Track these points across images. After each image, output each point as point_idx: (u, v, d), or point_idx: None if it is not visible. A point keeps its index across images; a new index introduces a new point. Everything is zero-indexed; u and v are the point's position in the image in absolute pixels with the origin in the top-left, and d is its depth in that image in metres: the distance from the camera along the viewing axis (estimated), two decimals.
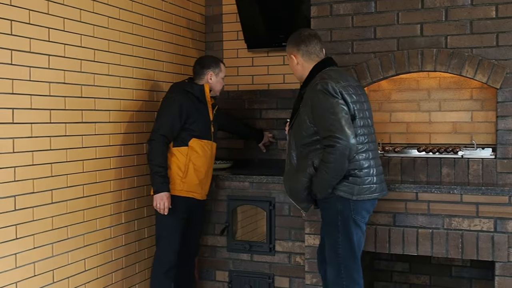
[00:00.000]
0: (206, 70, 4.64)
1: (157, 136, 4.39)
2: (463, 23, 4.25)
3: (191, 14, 5.64)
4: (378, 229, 4.32)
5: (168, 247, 4.48)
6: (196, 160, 4.51)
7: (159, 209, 4.37)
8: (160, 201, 4.36)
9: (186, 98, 4.49)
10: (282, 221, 4.83)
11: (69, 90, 4.02)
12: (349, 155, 3.56)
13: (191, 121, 4.48)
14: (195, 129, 4.51)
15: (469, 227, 4.09)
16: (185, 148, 4.48)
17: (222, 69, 4.74)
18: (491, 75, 4.17)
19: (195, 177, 4.52)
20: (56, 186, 3.91)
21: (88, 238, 4.24)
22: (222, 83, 4.77)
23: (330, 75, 3.74)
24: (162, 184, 4.37)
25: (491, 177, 4.23)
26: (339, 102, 3.61)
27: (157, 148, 4.38)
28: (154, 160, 4.38)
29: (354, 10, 4.53)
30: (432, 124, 4.85)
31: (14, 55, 3.56)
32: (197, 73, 4.68)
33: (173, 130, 4.43)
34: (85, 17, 4.16)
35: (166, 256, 4.48)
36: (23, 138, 3.64)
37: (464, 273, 4.93)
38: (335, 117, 3.57)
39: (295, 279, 4.82)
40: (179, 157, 4.47)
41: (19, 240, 3.64)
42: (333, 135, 3.55)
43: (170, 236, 4.49)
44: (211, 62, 4.70)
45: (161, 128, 4.41)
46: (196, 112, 4.52)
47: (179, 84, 4.65)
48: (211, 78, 4.65)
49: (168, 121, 4.42)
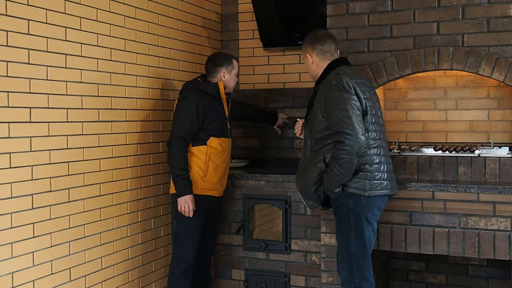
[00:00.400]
0: (219, 67, 4.60)
1: (176, 139, 4.37)
2: (479, 21, 4.23)
3: (207, 13, 5.65)
4: (394, 228, 4.30)
5: (188, 246, 4.48)
6: (215, 158, 4.51)
7: (184, 212, 4.37)
8: (184, 204, 4.36)
9: (202, 97, 4.46)
10: (298, 220, 4.83)
11: (86, 89, 4.04)
12: (358, 151, 3.58)
13: (209, 120, 4.47)
14: (212, 128, 4.49)
15: (486, 226, 4.06)
16: (204, 147, 4.47)
17: (235, 65, 4.70)
18: (508, 73, 4.14)
19: (214, 175, 4.52)
20: (73, 185, 3.94)
21: (105, 237, 4.26)
22: (235, 79, 4.74)
23: (345, 71, 3.78)
24: (185, 187, 4.36)
25: (508, 176, 4.20)
26: (352, 98, 3.63)
27: (177, 151, 4.37)
28: (176, 163, 4.37)
29: (370, 9, 4.51)
30: (449, 122, 4.83)
31: (31, 55, 3.58)
32: (210, 71, 4.63)
33: (191, 131, 4.41)
34: (102, 17, 4.19)
35: (185, 255, 4.48)
36: (40, 137, 3.67)
37: (481, 272, 4.91)
38: (346, 113, 3.59)
39: (311, 278, 4.81)
40: (199, 156, 4.46)
41: (36, 239, 3.66)
42: (342, 131, 3.57)
43: (190, 235, 4.48)
44: (224, 59, 4.65)
45: (180, 130, 4.39)
46: (212, 111, 4.50)
47: (192, 83, 4.61)
48: (224, 76, 4.61)
49: (186, 122, 4.39)
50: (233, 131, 4.86)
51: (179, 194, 4.37)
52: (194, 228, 4.48)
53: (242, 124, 5.64)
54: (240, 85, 5.82)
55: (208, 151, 4.47)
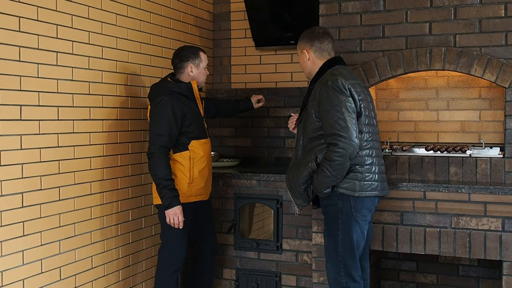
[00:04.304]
0: (185, 62, 4.36)
1: (157, 149, 4.12)
2: (472, 22, 4.24)
3: (199, 11, 5.64)
4: (386, 227, 4.31)
5: (176, 254, 4.34)
6: (198, 163, 4.34)
7: (174, 224, 4.16)
8: (173, 216, 4.14)
9: (176, 99, 4.23)
10: (290, 220, 4.83)
11: (77, 87, 4.03)
12: (351, 154, 3.58)
13: (187, 123, 4.26)
14: (192, 130, 4.29)
15: (477, 227, 4.07)
16: (186, 153, 4.28)
17: (203, 58, 4.44)
18: (500, 74, 4.15)
19: (200, 180, 4.38)
20: (63, 183, 3.92)
21: (95, 236, 4.24)
22: (205, 73, 4.49)
23: (341, 72, 3.77)
24: (173, 198, 4.12)
25: (499, 176, 4.21)
26: (347, 100, 3.62)
27: (160, 161, 4.11)
28: (160, 174, 4.10)
29: (363, 8, 4.51)
30: (440, 123, 4.83)
31: (22, 52, 3.56)
32: (176, 67, 4.40)
33: (171, 138, 4.19)
34: (93, 14, 4.17)
35: (173, 262, 4.33)
36: (30, 135, 3.65)
37: (472, 272, 4.92)
38: (341, 116, 3.58)
39: (302, 278, 4.81)
40: (183, 163, 4.28)
41: (26, 237, 3.65)
42: (337, 133, 3.57)
43: (179, 244, 4.33)
44: (190, 53, 4.40)
45: (159, 139, 4.14)
46: (189, 112, 4.29)
47: (162, 85, 4.36)
48: (192, 71, 4.37)
49: (164, 129, 4.15)
50: (224, 130, 4.85)
51: (167, 206, 4.12)
52: (182, 237, 4.33)
53: (233, 124, 5.64)
54: (232, 84, 5.81)
55: (191, 156, 4.30)
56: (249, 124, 5.68)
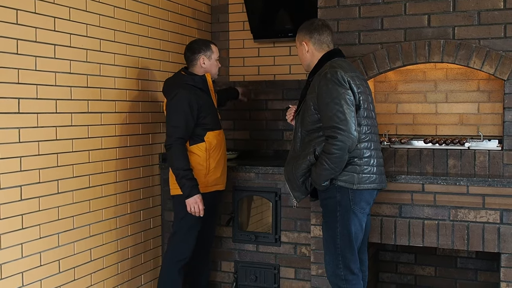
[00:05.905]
0: (197, 54, 4.43)
1: (175, 140, 4.21)
2: (470, 14, 4.23)
3: (197, 4, 5.63)
4: (384, 220, 4.31)
5: (185, 244, 4.38)
6: (214, 153, 4.40)
7: (194, 212, 4.23)
8: (194, 205, 4.21)
9: (191, 92, 4.29)
10: (288, 212, 4.83)
11: (75, 80, 4.02)
12: (350, 147, 3.58)
13: (203, 115, 4.33)
14: (207, 122, 4.37)
15: (475, 219, 4.07)
16: (203, 144, 4.35)
17: (214, 50, 4.52)
18: (499, 66, 4.14)
19: (217, 170, 4.44)
20: (62, 176, 3.92)
21: (94, 228, 4.25)
22: (217, 64, 4.57)
23: (340, 64, 3.76)
24: (192, 187, 4.20)
25: (497, 169, 4.21)
26: (346, 92, 3.61)
27: (178, 152, 4.21)
28: (179, 165, 4.20)
29: (361, 1, 4.50)
30: (439, 115, 4.83)
31: (20, 45, 3.55)
32: (189, 60, 4.48)
33: (188, 130, 4.27)
34: (91, 7, 4.16)
35: (182, 252, 4.38)
36: (29, 128, 3.64)
37: (470, 264, 4.93)
38: (340, 108, 3.57)
39: (301, 270, 4.82)
40: (199, 154, 4.34)
41: (25, 230, 3.65)
42: (336, 126, 3.56)
43: (189, 233, 4.38)
44: (201, 45, 4.48)
45: (176, 131, 4.23)
46: (204, 104, 4.37)
47: (177, 79, 4.44)
48: (204, 62, 4.44)
49: (181, 122, 4.23)
50: (223, 123, 4.83)
51: (188, 195, 4.20)
52: (194, 226, 4.38)
53: (232, 116, 5.64)
54: (230, 76, 5.80)
55: (207, 147, 4.36)
56: (247, 117, 5.68)
